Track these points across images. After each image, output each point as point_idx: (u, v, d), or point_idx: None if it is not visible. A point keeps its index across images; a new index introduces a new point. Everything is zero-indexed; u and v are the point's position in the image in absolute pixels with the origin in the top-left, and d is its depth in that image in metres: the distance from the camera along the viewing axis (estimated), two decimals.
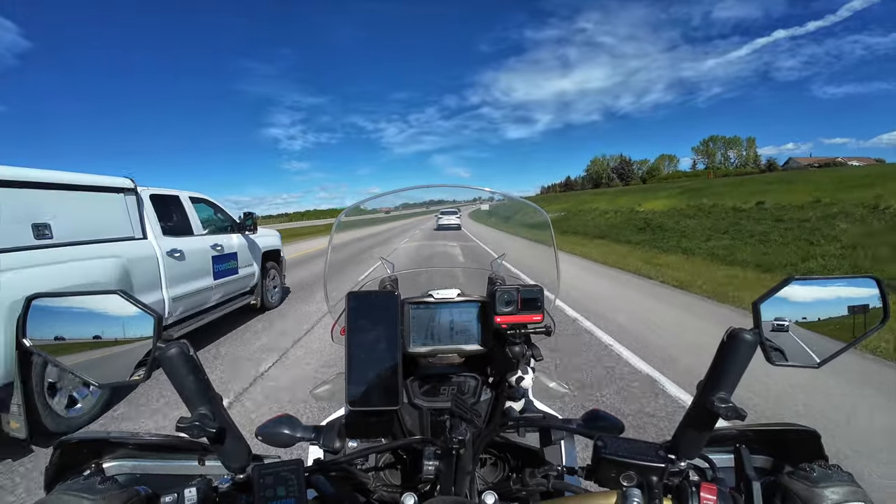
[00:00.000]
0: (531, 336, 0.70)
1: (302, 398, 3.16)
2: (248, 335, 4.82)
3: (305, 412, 2.97)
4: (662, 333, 4.56)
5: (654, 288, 7.20)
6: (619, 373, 3.53)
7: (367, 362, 0.61)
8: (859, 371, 3.47)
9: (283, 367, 3.84)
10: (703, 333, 4.49)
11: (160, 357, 0.49)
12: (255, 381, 3.55)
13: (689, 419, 0.53)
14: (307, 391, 3.18)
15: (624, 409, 2.91)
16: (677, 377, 3.39)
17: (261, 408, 3.05)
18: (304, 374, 3.64)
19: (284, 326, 5.09)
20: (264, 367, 3.82)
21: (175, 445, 0.69)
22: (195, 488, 0.50)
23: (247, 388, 3.40)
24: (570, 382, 3.34)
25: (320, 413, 2.91)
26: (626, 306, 5.80)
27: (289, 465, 0.51)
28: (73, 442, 0.63)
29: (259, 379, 3.58)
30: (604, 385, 3.31)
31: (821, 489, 0.47)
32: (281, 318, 5.44)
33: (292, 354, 4.17)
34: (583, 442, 0.86)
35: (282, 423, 0.70)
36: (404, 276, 0.99)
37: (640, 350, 4.02)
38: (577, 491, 0.59)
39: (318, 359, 4.00)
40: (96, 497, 0.46)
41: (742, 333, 0.49)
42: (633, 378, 3.42)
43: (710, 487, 0.49)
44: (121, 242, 3.37)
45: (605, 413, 0.70)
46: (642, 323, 4.95)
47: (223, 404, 0.53)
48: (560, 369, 3.62)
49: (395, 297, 0.64)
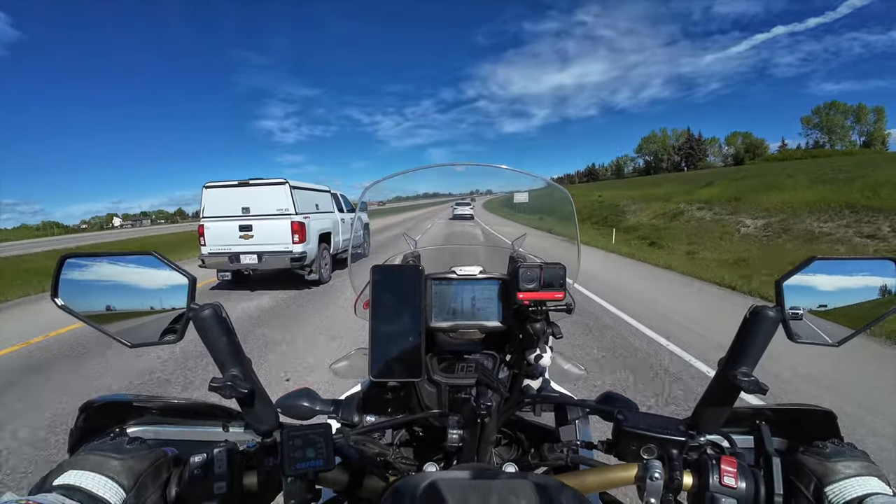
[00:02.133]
0: (550, 315, 0.71)
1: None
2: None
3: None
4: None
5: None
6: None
7: (390, 335, 0.61)
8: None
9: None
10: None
11: (194, 318, 0.49)
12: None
13: (710, 394, 0.54)
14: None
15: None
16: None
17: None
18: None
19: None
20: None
21: (199, 411, 0.68)
22: (224, 450, 0.50)
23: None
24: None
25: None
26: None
27: (317, 428, 0.51)
28: (97, 405, 0.63)
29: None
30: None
31: (833, 463, 0.47)
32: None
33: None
34: (595, 423, 0.87)
35: (301, 395, 0.71)
36: (427, 252, 0.99)
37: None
38: (596, 464, 0.59)
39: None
40: (124, 457, 0.46)
41: (765, 310, 0.50)
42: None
43: (731, 461, 0.49)
44: (330, 213, 8.43)
45: (619, 395, 0.71)
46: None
47: (252, 367, 0.53)
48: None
49: (420, 271, 0.64)
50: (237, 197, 7.04)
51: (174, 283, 0.50)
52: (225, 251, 7.01)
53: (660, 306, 5.90)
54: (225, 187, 7.07)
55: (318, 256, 7.36)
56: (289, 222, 6.89)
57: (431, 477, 0.45)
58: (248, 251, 6.97)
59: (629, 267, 9.73)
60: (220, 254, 7.04)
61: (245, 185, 7.05)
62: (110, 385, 3.66)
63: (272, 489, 0.52)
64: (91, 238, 41.62)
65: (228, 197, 7.04)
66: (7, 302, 7.94)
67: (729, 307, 5.81)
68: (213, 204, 7.09)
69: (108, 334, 0.50)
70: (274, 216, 6.94)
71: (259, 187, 7.01)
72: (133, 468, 0.45)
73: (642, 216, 21.12)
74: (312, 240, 7.19)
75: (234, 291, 7.27)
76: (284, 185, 6.97)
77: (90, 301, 0.50)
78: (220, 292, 7.27)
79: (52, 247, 21.42)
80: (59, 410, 3.16)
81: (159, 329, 0.50)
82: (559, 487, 0.42)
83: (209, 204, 7.09)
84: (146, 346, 0.51)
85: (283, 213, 6.94)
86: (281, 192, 6.96)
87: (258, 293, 7.08)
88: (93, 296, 0.50)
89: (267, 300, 6.64)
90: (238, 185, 7.06)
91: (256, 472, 0.51)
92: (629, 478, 0.52)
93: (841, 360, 3.77)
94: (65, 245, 23.79)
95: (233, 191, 7.06)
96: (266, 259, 6.94)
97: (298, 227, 6.90)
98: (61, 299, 0.49)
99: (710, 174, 36.14)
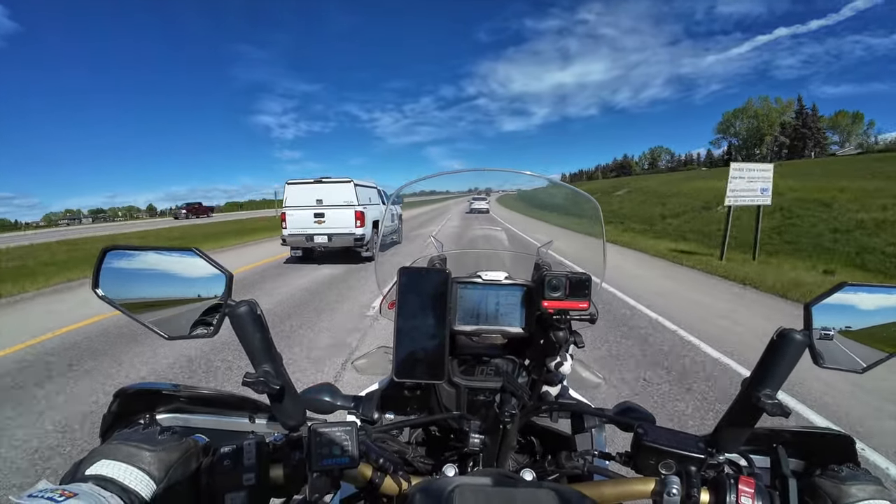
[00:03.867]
0: (573, 323, 0.71)
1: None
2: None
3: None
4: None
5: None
6: None
7: (414, 336, 0.63)
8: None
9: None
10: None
11: (230, 314, 0.50)
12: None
13: (732, 413, 0.54)
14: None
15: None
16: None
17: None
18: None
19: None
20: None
21: (227, 402, 0.71)
22: (253, 442, 0.51)
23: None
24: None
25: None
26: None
27: (344, 426, 0.51)
28: (129, 392, 0.65)
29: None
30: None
31: (847, 486, 0.48)
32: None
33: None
34: (611, 433, 0.89)
35: (323, 390, 0.74)
36: (453, 255, 1.00)
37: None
38: (613, 476, 0.59)
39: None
40: (156, 448, 0.47)
41: (792, 333, 0.50)
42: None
43: (749, 481, 0.49)
44: (378, 205, 10.48)
45: (636, 405, 0.72)
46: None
47: (283, 364, 0.54)
48: None
49: (446, 274, 0.66)
50: (312, 191, 9.26)
51: (212, 279, 0.51)
52: (302, 233, 9.22)
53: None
54: (303, 184, 9.31)
55: (371, 238, 9.54)
56: (353, 211, 9.09)
57: (455, 482, 0.46)
58: (320, 233, 9.16)
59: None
60: (299, 235, 9.25)
61: (319, 182, 9.28)
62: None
63: (297, 482, 0.52)
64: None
65: (305, 191, 9.27)
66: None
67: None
68: (293, 196, 9.31)
69: (145, 325, 0.51)
70: (342, 206, 9.14)
71: (330, 184, 9.24)
72: (164, 460, 0.46)
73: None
74: (368, 225, 9.36)
75: (305, 265, 9.39)
76: (349, 182, 9.19)
77: (130, 293, 0.51)
78: (294, 266, 9.37)
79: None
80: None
81: (197, 321, 0.52)
82: (580, 499, 0.42)
83: (290, 196, 9.31)
84: (182, 339, 0.52)
85: (348, 205, 9.13)
86: (347, 188, 9.19)
87: (324, 266, 9.16)
88: (132, 288, 0.51)
89: (332, 270, 8.67)
90: (314, 182, 9.29)
91: (283, 466, 0.52)
92: (646, 492, 0.52)
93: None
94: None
95: (309, 186, 9.29)
96: (334, 239, 9.12)
97: (360, 215, 9.10)
98: (101, 290, 0.50)
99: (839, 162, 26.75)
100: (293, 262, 9.71)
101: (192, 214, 52.99)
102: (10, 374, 3.73)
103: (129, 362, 3.94)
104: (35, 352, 4.33)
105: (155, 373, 3.70)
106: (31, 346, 4.50)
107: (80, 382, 3.52)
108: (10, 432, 2.73)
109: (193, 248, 0.51)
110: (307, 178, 9.66)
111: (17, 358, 4.16)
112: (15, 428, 2.79)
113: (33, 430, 2.76)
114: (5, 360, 4.09)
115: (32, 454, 2.50)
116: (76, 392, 3.34)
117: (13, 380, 3.61)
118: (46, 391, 3.37)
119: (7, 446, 2.58)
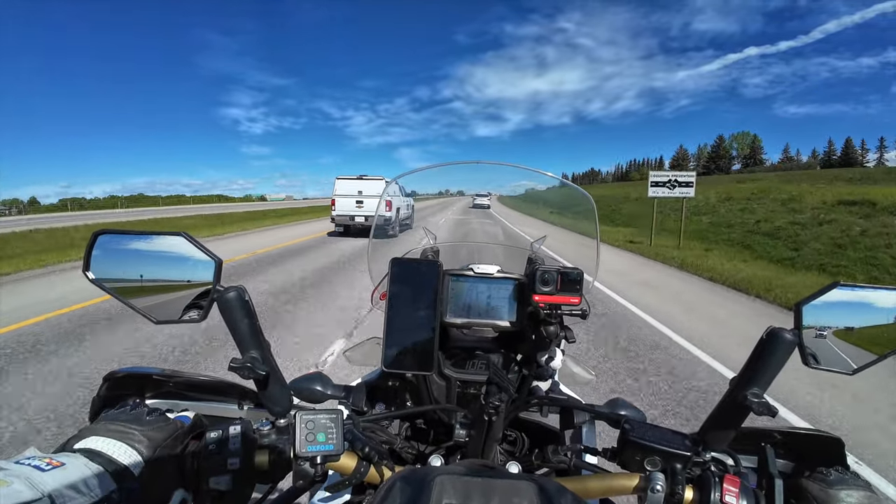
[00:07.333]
0: (564, 318, 0.70)
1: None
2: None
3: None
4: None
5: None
6: None
7: (404, 327, 0.63)
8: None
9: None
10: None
11: (219, 299, 0.50)
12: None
13: (719, 412, 0.54)
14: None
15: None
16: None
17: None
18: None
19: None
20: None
21: (216, 388, 0.71)
22: (239, 427, 0.51)
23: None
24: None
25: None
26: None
27: (330, 413, 0.51)
28: (119, 376, 0.66)
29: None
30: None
31: (836, 491, 0.47)
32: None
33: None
34: (601, 430, 0.86)
35: (314, 379, 0.73)
36: (445, 247, 0.99)
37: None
38: (599, 471, 0.59)
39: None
40: (144, 427, 0.47)
41: (782, 333, 0.49)
42: None
43: (734, 479, 0.49)
44: (402, 197, 12.31)
45: (627, 402, 0.72)
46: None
47: (271, 351, 0.53)
48: None
49: (438, 266, 0.66)
50: (355, 184, 12.90)
51: (203, 264, 0.51)
52: (347, 213, 12.88)
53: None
54: (348, 179, 12.99)
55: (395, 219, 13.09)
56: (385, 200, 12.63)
57: (437, 470, 0.45)
58: (360, 214, 12.81)
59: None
60: (344, 216, 12.92)
61: (361, 179, 12.96)
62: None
63: (282, 469, 0.53)
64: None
65: (350, 184, 12.92)
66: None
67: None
68: (340, 188, 12.97)
69: (134, 309, 0.51)
70: (376, 196, 12.71)
71: (368, 180, 12.91)
72: (152, 438, 0.47)
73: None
74: (394, 211, 12.85)
75: (344, 239, 12.87)
76: (382, 180, 12.86)
77: (120, 276, 0.51)
78: (336, 238, 12.86)
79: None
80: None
81: (185, 308, 0.52)
82: (561, 491, 0.42)
83: (339, 188, 12.96)
84: (170, 324, 0.52)
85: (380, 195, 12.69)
86: (380, 183, 12.85)
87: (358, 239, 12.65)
88: (122, 271, 0.51)
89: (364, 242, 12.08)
90: (356, 178, 12.98)
91: (268, 451, 0.52)
92: (630, 487, 0.53)
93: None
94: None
95: (353, 181, 12.96)
96: (369, 219, 12.71)
97: (388, 203, 12.52)
98: (92, 273, 0.50)
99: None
100: (335, 236, 13.29)
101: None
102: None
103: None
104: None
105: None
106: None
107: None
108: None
109: (183, 233, 0.51)
110: (350, 174, 13.23)
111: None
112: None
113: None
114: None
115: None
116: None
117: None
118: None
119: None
